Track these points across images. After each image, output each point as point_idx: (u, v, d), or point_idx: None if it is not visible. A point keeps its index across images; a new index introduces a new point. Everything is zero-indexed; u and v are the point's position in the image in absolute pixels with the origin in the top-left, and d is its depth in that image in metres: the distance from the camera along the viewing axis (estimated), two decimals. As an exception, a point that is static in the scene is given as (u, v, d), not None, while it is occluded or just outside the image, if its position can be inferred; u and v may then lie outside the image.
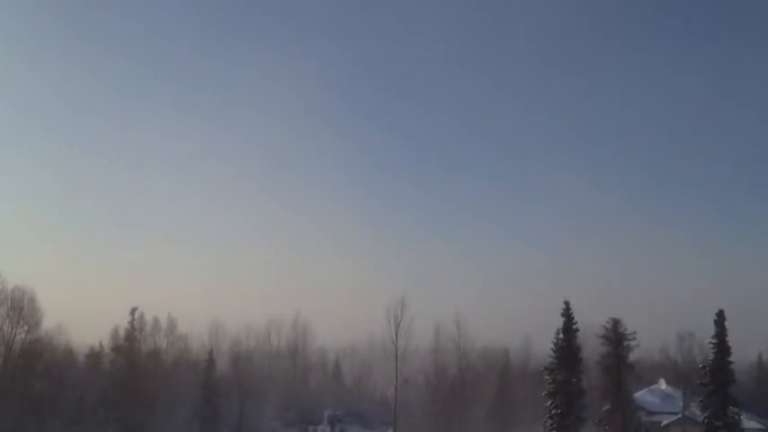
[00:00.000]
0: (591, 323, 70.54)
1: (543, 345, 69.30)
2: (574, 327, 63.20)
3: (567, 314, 63.07)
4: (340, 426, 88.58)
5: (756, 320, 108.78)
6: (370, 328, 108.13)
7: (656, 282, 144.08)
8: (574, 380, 62.05)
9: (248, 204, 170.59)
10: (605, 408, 62.42)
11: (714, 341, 63.89)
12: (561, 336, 62.86)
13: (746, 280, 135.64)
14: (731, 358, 63.83)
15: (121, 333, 76.05)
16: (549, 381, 62.83)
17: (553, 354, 63.25)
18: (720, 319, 63.64)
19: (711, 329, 64.26)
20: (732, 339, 63.88)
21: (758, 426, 72.23)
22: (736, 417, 62.94)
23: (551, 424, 62.08)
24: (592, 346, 72.32)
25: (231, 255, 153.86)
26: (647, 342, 79.04)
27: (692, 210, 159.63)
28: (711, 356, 64.24)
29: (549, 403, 62.54)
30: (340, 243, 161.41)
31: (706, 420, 63.10)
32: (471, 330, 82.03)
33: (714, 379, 62.92)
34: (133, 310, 75.53)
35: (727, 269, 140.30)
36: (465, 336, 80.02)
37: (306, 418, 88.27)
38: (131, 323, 75.43)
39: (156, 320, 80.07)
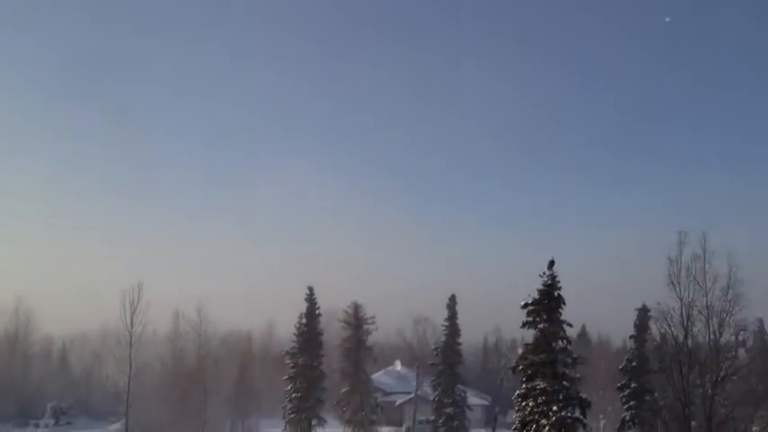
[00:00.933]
0: (335, 308, 71.69)
1: (287, 329, 68.93)
2: (317, 312, 63.58)
3: (311, 299, 63.36)
4: (66, 419, 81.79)
5: (483, 306, 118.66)
6: (105, 315, 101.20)
7: (396, 268, 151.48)
8: (315, 363, 62.47)
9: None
10: (344, 390, 63.80)
11: (446, 324, 67.54)
12: (304, 320, 63.00)
13: (476, 268, 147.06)
14: (460, 340, 67.94)
15: None
16: (291, 365, 62.73)
17: (296, 338, 63.20)
18: (452, 303, 67.28)
19: (445, 313, 67.93)
20: (463, 322, 67.99)
21: (481, 402, 78.05)
22: (463, 394, 67.19)
23: (291, 408, 61.97)
24: (334, 330, 73.55)
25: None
26: (386, 325, 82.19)
27: (421, 199, 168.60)
28: (443, 338, 67.89)
29: (289, 387, 62.42)
30: (73, 227, 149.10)
31: (436, 398, 66.65)
32: (213, 316, 79.31)
33: (444, 359, 66.53)
34: None
35: (459, 259, 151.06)
36: (206, 321, 77.15)
37: (25, 412, 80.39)
38: None
39: None
